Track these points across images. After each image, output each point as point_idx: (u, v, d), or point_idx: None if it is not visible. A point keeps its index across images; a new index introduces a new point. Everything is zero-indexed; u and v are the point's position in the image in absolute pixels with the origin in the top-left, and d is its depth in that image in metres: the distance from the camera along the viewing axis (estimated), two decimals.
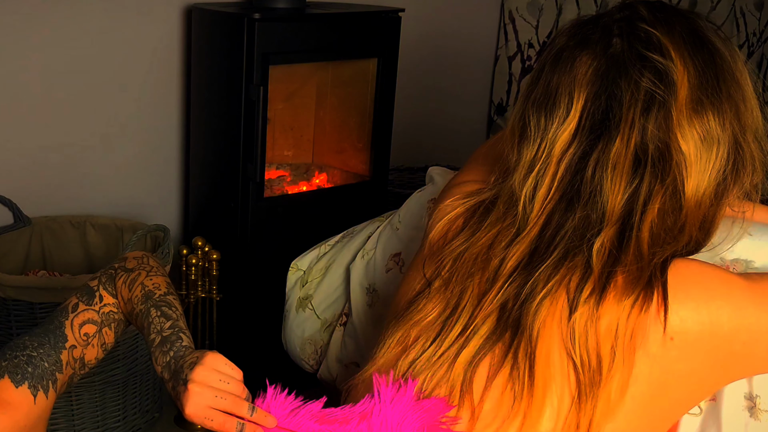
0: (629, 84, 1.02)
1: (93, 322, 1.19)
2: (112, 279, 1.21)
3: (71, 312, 1.19)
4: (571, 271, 1.00)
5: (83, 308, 1.19)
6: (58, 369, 1.15)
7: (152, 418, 2.43)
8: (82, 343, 1.18)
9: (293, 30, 2.37)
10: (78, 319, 1.18)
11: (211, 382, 1.02)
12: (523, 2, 3.27)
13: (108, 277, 1.22)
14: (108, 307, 1.20)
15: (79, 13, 2.40)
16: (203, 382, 1.02)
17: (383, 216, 1.66)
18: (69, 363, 1.17)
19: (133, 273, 1.20)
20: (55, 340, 1.16)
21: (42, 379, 1.13)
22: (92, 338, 1.19)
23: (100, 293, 1.21)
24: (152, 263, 1.23)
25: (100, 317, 1.20)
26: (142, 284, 1.18)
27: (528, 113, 1.08)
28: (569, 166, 1.04)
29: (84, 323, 1.18)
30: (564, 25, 1.11)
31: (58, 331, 1.17)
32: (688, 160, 1.01)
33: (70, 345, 1.17)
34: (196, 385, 1.02)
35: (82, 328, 1.18)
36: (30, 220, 2.41)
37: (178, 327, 1.13)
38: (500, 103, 3.38)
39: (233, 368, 1.05)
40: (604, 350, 0.97)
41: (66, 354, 1.16)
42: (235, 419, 1.02)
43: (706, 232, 1.05)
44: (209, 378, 1.02)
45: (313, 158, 2.76)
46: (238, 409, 1.02)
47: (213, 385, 1.02)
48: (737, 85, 1.04)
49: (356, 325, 1.58)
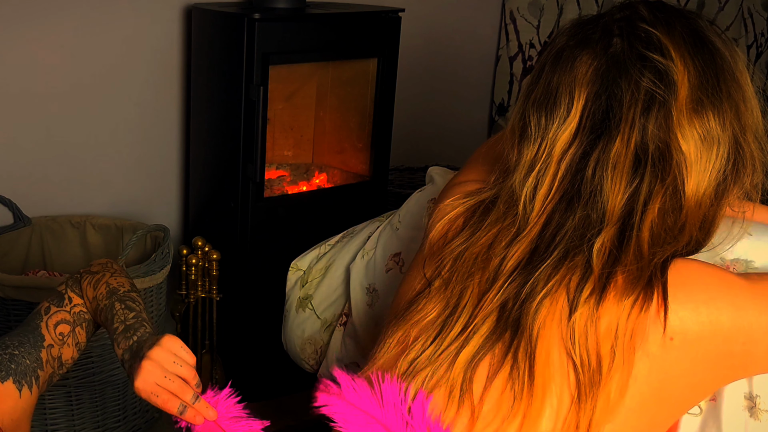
0: (629, 84, 1.02)
1: (66, 321, 1.24)
2: (78, 281, 1.27)
3: (44, 314, 1.24)
4: (571, 270, 1.00)
5: (55, 310, 1.25)
6: (39, 366, 1.20)
7: (152, 418, 2.43)
8: (59, 342, 1.23)
9: (293, 30, 2.37)
10: (52, 320, 1.24)
11: (164, 363, 1.09)
12: (524, 2, 3.27)
13: (74, 280, 1.28)
14: (78, 307, 1.26)
15: (79, 13, 2.40)
16: (157, 360, 1.09)
17: (383, 216, 1.66)
18: (48, 361, 1.21)
19: (97, 275, 1.27)
20: (34, 340, 1.21)
21: (25, 375, 1.18)
22: (67, 337, 1.24)
23: (69, 295, 1.27)
24: (116, 267, 1.30)
25: (72, 317, 1.25)
26: (107, 283, 1.25)
27: (528, 113, 1.08)
28: (570, 166, 1.04)
29: (58, 323, 1.24)
30: (564, 25, 1.11)
31: (36, 332, 1.22)
32: (689, 159, 1.01)
33: (47, 344, 1.22)
34: (150, 362, 1.09)
35: (57, 328, 1.23)
36: (30, 220, 2.41)
37: (141, 318, 1.20)
38: (501, 103, 3.38)
39: (188, 353, 1.12)
40: (604, 350, 0.97)
41: (45, 353, 1.21)
42: (178, 400, 1.08)
43: (706, 232, 1.05)
44: (163, 358, 1.09)
45: (313, 158, 2.76)
46: (182, 393, 1.09)
47: (165, 365, 1.09)
48: (737, 85, 1.04)
49: (356, 325, 1.58)
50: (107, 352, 2.20)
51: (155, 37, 2.54)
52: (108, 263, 1.31)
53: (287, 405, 2.52)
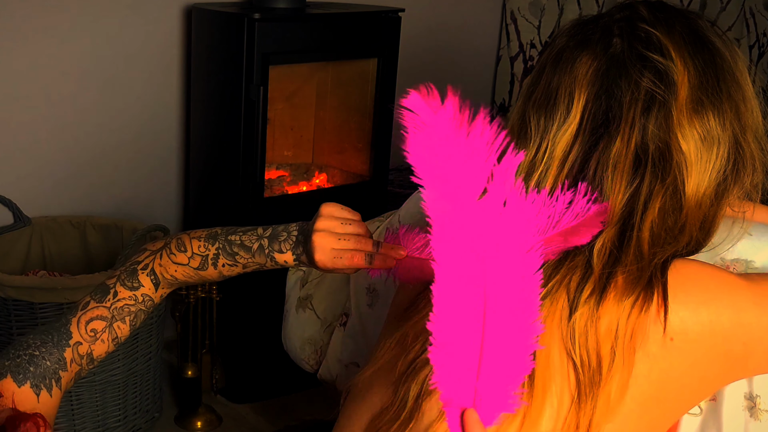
0: (629, 84, 1.02)
1: (102, 318, 1.20)
2: (134, 273, 1.22)
3: (80, 309, 1.20)
4: (571, 271, 1.00)
5: (93, 306, 1.20)
6: (61, 367, 1.16)
7: (152, 418, 2.43)
8: (89, 340, 1.19)
9: (293, 30, 2.37)
10: (86, 316, 1.19)
11: (332, 228, 1.10)
12: (524, 2, 3.27)
13: (129, 273, 1.22)
14: (122, 301, 1.21)
15: (79, 13, 2.40)
16: (325, 228, 1.10)
17: (383, 216, 1.65)
18: (74, 359, 1.18)
19: (171, 243, 1.21)
20: (58, 338, 1.17)
21: (44, 378, 1.14)
22: (101, 334, 1.20)
23: (116, 290, 1.21)
24: (181, 233, 1.26)
25: (110, 313, 1.20)
26: (194, 238, 1.20)
27: (528, 113, 1.07)
28: (571, 168, 1.04)
29: (92, 320, 1.19)
30: (564, 26, 1.11)
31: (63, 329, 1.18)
32: (689, 159, 1.01)
33: (74, 342, 1.18)
34: (318, 234, 1.09)
35: (89, 325, 1.19)
36: (30, 220, 2.41)
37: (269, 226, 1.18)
38: (502, 103, 3.38)
39: (350, 211, 1.12)
40: (604, 350, 0.97)
41: (70, 351, 1.17)
42: (362, 253, 1.09)
43: (706, 232, 1.05)
44: (329, 225, 1.10)
45: (313, 158, 2.76)
46: (362, 245, 1.09)
47: (334, 230, 1.10)
48: (737, 85, 1.04)
49: (356, 325, 1.57)
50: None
51: (155, 37, 2.54)
52: (158, 239, 1.25)
53: (287, 405, 2.52)
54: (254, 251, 1.17)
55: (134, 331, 1.24)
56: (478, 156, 0.83)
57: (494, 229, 0.83)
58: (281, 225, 1.18)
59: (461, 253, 0.82)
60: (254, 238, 1.17)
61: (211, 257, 1.19)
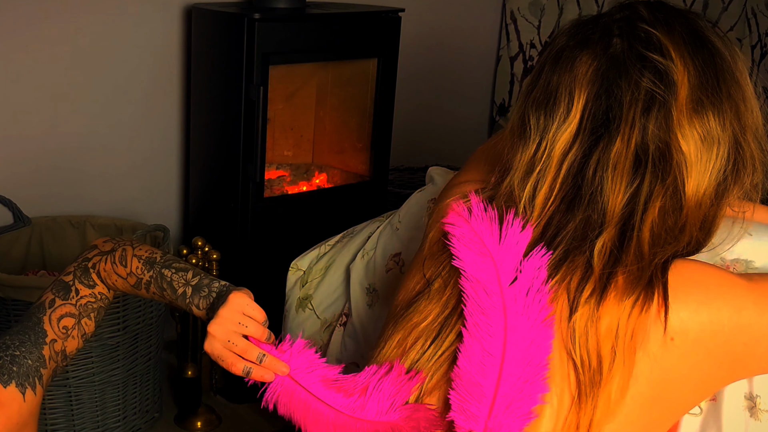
0: (629, 84, 1.02)
1: (71, 315, 1.22)
2: (87, 271, 1.24)
3: (48, 308, 1.22)
4: (571, 271, 1.00)
5: (60, 303, 1.22)
6: (41, 365, 1.18)
7: (152, 418, 2.43)
8: (62, 336, 1.21)
9: (293, 30, 2.37)
10: (56, 314, 1.22)
11: (229, 325, 1.08)
12: (524, 2, 3.27)
13: (83, 270, 1.25)
14: (85, 298, 1.24)
15: (79, 13, 2.40)
16: (222, 323, 1.08)
17: (383, 216, 1.65)
18: (51, 357, 1.20)
19: (116, 251, 1.23)
20: (35, 337, 1.19)
21: (28, 377, 1.16)
22: (72, 330, 1.22)
23: (76, 287, 1.24)
24: (126, 239, 1.27)
25: (77, 309, 1.23)
26: (136, 256, 1.22)
27: (528, 113, 1.07)
28: (570, 167, 1.04)
29: (62, 317, 1.22)
30: (564, 25, 1.11)
31: (37, 328, 1.20)
32: (689, 159, 1.01)
33: (50, 339, 1.20)
34: (214, 325, 1.08)
35: (60, 322, 1.21)
36: (30, 220, 2.41)
37: (201, 273, 1.18)
38: (502, 103, 3.38)
39: (255, 309, 1.10)
40: (605, 350, 0.97)
41: (47, 349, 1.20)
42: (243, 361, 1.07)
43: (706, 232, 1.05)
44: (229, 320, 1.08)
45: (313, 158, 2.76)
46: (248, 355, 1.07)
47: (230, 327, 1.08)
48: (737, 85, 1.04)
49: (356, 325, 1.57)
50: (107, 352, 2.20)
51: (155, 36, 2.54)
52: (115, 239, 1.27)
53: None
54: (178, 295, 1.18)
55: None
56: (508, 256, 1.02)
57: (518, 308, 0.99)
58: (208, 278, 1.17)
59: (488, 324, 0.99)
60: (182, 282, 1.18)
61: (144, 282, 1.21)
